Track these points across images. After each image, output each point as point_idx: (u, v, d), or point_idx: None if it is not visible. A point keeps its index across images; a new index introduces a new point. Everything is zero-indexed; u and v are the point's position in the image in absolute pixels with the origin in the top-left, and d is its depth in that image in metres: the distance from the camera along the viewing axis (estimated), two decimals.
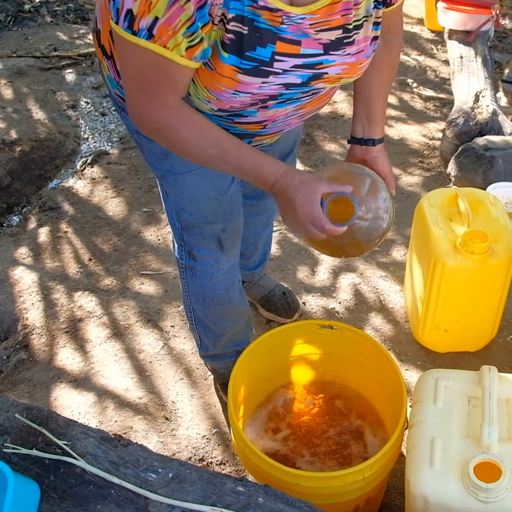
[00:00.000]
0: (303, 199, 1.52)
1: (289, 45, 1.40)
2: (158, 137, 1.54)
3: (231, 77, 1.40)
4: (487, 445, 1.58)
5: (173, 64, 1.33)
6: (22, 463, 1.49)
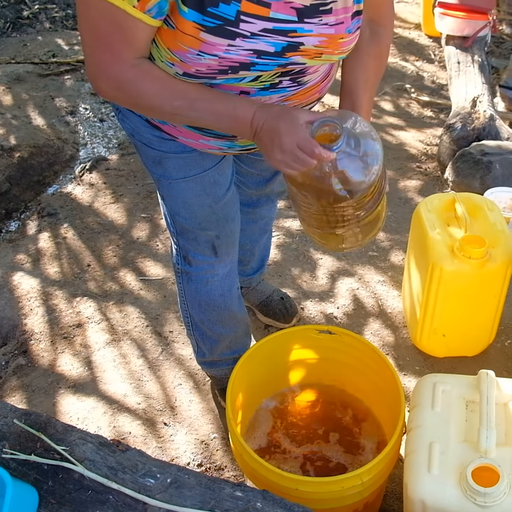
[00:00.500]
0: (287, 124, 1.39)
1: (256, 6, 1.32)
2: (118, 97, 1.48)
3: (193, 35, 1.33)
4: (485, 450, 1.59)
5: (126, 16, 1.29)
6: (20, 468, 1.49)
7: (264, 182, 2.14)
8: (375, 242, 3.01)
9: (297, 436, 2.12)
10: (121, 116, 1.72)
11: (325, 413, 2.16)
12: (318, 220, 1.61)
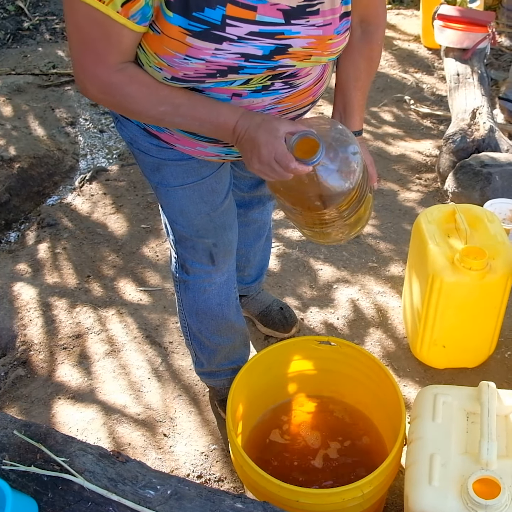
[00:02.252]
0: (266, 135, 1.41)
1: (242, 9, 1.32)
2: (103, 99, 1.49)
3: (179, 40, 1.33)
4: (486, 462, 1.58)
5: (110, 21, 1.30)
6: (20, 480, 1.48)
7: (256, 185, 2.15)
8: (375, 253, 3.01)
9: (297, 447, 2.11)
10: (119, 124, 1.73)
11: (325, 424, 2.15)
12: (299, 219, 1.65)
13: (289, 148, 1.40)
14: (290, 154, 1.39)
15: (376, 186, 1.76)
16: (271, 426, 2.14)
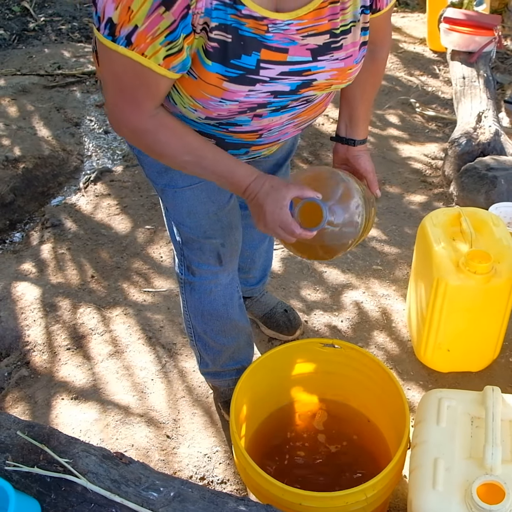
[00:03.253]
0: (272, 205, 1.51)
1: (275, 53, 1.39)
2: (134, 140, 1.54)
3: (216, 85, 1.39)
4: (491, 466, 1.58)
5: (150, 72, 1.34)
6: (23, 481, 1.48)
7: None
8: (380, 256, 3.01)
9: (300, 449, 2.11)
10: None
11: (329, 426, 2.15)
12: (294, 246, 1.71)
13: (294, 214, 1.50)
14: (294, 222, 1.50)
15: (378, 194, 1.83)
16: (275, 428, 2.14)
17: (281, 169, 2.10)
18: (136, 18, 1.24)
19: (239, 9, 1.31)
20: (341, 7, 1.42)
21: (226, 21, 1.31)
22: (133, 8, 1.23)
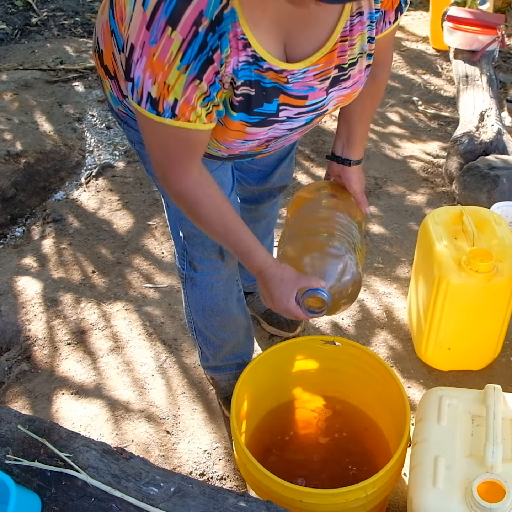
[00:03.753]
0: (280, 296, 1.64)
1: (295, 99, 1.46)
2: (177, 202, 1.60)
3: (240, 130, 1.45)
4: (491, 465, 1.57)
5: (196, 132, 1.39)
6: (23, 475, 1.48)
7: (264, 177, 2.16)
8: (381, 254, 3.01)
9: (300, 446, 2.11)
10: (126, 126, 1.74)
11: (328, 424, 2.15)
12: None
13: (300, 301, 1.62)
14: (298, 310, 1.64)
15: (368, 212, 1.91)
16: (275, 425, 2.14)
17: (284, 162, 2.12)
18: (174, 92, 1.29)
19: (261, 65, 1.35)
20: (349, 44, 1.45)
21: (250, 77, 1.36)
22: (169, 83, 1.28)
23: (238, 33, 1.28)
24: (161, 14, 1.22)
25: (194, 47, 1.25)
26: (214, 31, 1.25)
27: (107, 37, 1.57)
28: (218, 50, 1.27)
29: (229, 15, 1.25)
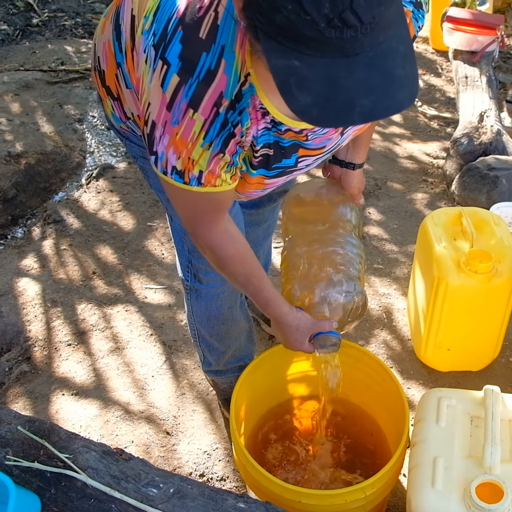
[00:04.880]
0: (294, 342, 1.75)
1: (313, 151, 1.49)
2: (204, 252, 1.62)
3: (259, 182, 1.50)
4: (489, 466, 1.58)
5: (223, 193, 1.42)
6: (23, 475, 1.49)
7: None
8: (381, 255, 3.01)
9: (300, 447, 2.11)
10: (128, 142, 1.74)
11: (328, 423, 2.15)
12: None
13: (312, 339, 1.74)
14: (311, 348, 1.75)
15: (362, 202, 1.95)
16: (275, 425, 2.14)
17: None
18: (199, 165, 1.32)
19: (279, 128, 1.37)
20: None
21: (269, 140, 1.39)
22: (193, 158, 1.31)
23: (257, 105, 1.30)
24: (182, 97, 1.24)
25: (216, 126, 1.27)
26: (234, 109, 1.27)
27: (109, 60, 1.56)
28: (239, 124, 1.30)
29: (247, 90, 1.27)
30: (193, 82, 1.23)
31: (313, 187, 2.01)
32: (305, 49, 1.01)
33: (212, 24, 1.22)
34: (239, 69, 1.24)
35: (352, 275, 1.80)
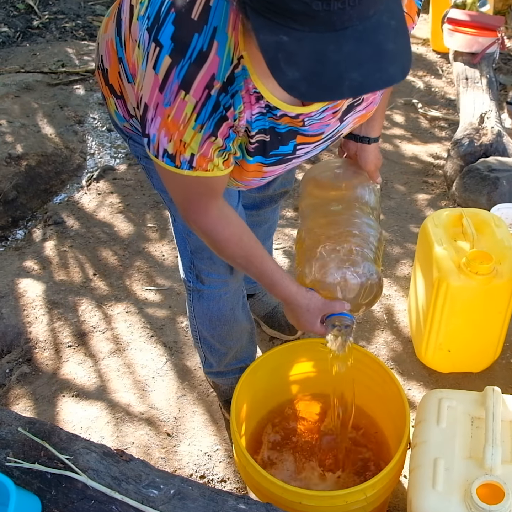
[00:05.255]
0: (305, 323, 1.72)
1: (311, 137, 1.48)
2: (201, 236, 1.61)
3: (257, 170, 1.49)
4: (490, 467, 1.58)
5: (215, 178, 1.42)
6: (24, 477, 1.49)
7: (266, 184, 2.15)
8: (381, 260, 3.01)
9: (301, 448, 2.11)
10: (132, 142, 1.74)
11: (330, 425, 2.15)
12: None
13: (325, 321, 1.71)
14: (323, 329, 1.72)
15: (379, 180, 1.91)
16: (275, 427, 2.14)
17: None
18: (190, 148, 1.32)
19: (275, 113, 1.37)
20: None
21: (264, 126, 1.38)
22: (185, 141, 1.30)
23: (251, 89, 1.30)
24: (174, 79, 1.24)
25: (208, 108, 1.27)
26: (226, 91, 1.27)
27: (112, 57, 1.57)
28: (231, 107, 1.29)
29: (240, 73, 1.27)
30: (185, 63, 1.22)
31: (330, 167, 1.98)
32: (293, 23, 1.01)
33: (204, 6, 1.22)
34: (231, 51, 1.24)
35: (366, 256, 1.76)
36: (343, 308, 1.70)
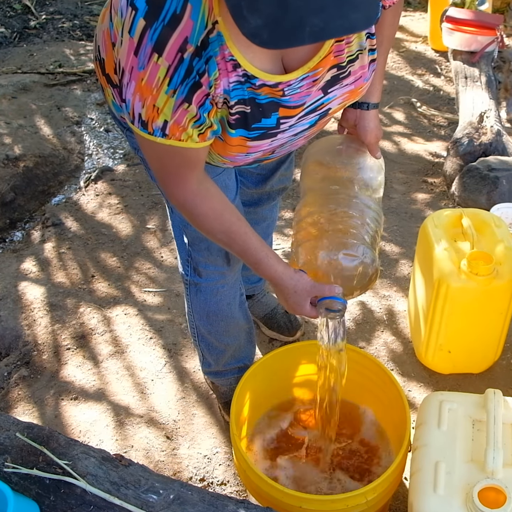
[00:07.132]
0: (293, 304, 1.68)
1: (293, 109, 1.46)
2: (180, 210, 1.60)
3: (241, 144, 1.47)
4: (492, 470, 1.57)
5: (190, 150, 1.41)
6: (22, 482, 1.48)
7: (263, 180, 2.15)
8: (381, 256, 2.99)
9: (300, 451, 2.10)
10: (129, 133, 1.73)
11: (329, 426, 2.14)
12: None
13: (317, 303, 1.65)
14: (313, 312, 1.67)
15: (379, 156, 1.86)
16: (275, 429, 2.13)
17: (284, 165, 2.11)
18: (163, 114, 1.31)
19: (253, 82, 1.36)
20: (346, 42, 1.44)
21: (243, 96, 1.37)
22: (158, 106, 1.30)
23: (226, 55, 1.30)
24: (147, 41, 1.24)
25: (180, 73, 1.27)
26: (200, 56, 1.27)
27: (108, 46, 1.56)
28: (206, 73, 1.29)
29: (215, 39, 1.27)
30: (158, 26, 1.23)
31: (332, 143, 1.94)
32: None
33: None
34: (206, 15, 1.24)
35: (361, 239, 1.72)
36: (333, 292, 1.65)
